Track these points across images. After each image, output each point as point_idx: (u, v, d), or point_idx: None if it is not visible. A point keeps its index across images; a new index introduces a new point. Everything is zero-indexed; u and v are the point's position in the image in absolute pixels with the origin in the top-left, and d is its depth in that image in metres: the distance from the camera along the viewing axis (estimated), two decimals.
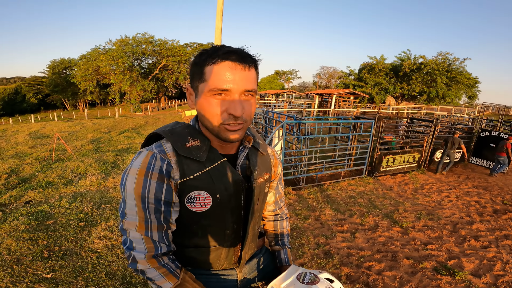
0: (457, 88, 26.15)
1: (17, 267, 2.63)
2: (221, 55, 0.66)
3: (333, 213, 4.16)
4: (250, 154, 0.85)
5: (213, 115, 0.69)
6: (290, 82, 71.26)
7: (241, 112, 0.68)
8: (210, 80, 0.67)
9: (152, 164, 0.70)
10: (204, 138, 0.76)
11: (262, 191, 0.88)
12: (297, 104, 20.49)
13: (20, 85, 47.40)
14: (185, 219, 0.77)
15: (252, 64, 0.70)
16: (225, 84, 0.66)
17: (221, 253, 0.85)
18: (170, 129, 0.77)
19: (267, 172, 0.91)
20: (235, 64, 0.66)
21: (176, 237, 0.80)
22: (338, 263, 2.91)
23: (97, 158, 7.08)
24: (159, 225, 0.73)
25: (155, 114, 23.92)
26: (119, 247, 3.00)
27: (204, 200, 0.75)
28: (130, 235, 0.71)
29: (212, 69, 0.66)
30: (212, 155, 0.76)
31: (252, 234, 0.90)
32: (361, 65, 29.99)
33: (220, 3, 5.52)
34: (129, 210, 0.71)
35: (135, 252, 0.71)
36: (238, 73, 0.66)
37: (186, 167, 0.72)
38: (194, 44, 37.04)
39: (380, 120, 5.71)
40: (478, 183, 6.18)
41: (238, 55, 0.67)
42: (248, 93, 0.69)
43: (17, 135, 11.83)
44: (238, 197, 0.80)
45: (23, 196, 4.52)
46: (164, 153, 0.72)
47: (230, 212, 0.80)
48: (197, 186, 0.74)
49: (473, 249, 3.33)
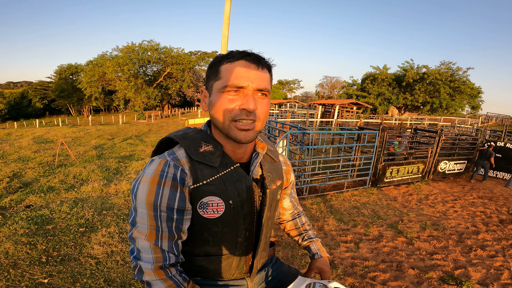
0: (460, 98, 26.13)
1: (14, 271, 2.59)
2: (236, 55, 0.69)
3: (337, 223, 4.09)
4: (263, 160, 0.84)
5: (224, 111, 0.68)
6: (293, 92, 71.76)
7: (254, 106, 0.67)
8: (225, 77, 0.68)
9: (166, 171, 0.69)
10: (217, 143, 0.75)
11: (274, 198, 0.86)
12: (300, 114, 20.56)
13: (26, 89, 48.03)
14: (196, 226, 0.75)
15: (265, 66, 0.71)
16: (240, 81, 0.67)
17: (233, 262, 0.82)
18: (182, 134, 0.77)
19: (279, 179, 0.90)
20: (249, 63, 0.68)
21: (186, 246, 0.78)
22: (342, 273, 2.84)
23: (100, 164, 7.08)
24: (170, 234, 0.71)
25: (159, 122, 24.08)
26: (119, 254, 2.96)
27: (216, 206, 0.73)
28: (139, 244, 0.69)
29: (228, 67, 0.68)
30: (225, 160, 0.75)
31: (264, 242, 0.88)
32: (364, 75, 30.13)
33: (227, 12, 5.62)
34: (139, 218, 0.69)
35: (142, 262, 0.69)
36: (252, 71, 0.68)
37: (199, 172, 0.71)
38: (198, 52, 37.55)
39: (384, 131, 5.69)
40: (483, 193, 6.08)
41: (254, 56, 0.69)
42: (262, 92, 0.70)
43: (21, 140, 11.91)
44: (251, 203, 0.78)
45: (24, 200, 4.50)
46: (177, 160, 0.71)
47: (242, 218, 0.78)
48: (210, 191, 0.72)
49: (480, 259, 3.26)
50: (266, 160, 0.86)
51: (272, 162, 0.89)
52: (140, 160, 7.64)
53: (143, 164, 7.02)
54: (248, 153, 0.81)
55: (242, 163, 0.79)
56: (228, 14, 5.69)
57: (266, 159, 0.86)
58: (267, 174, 0.83)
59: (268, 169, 0.84)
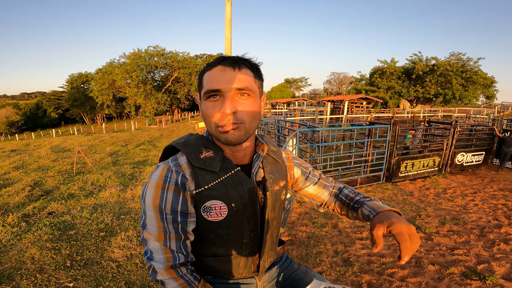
0: (474, 88, 25.38)
1: (40, 276, 2.71)
2: (214, 62, 0.71)
3: (351, 220, 4.05)
4: (264, 162, 0.85)
5: (209, 118, 0.71)
6: (300, 90, 71.31)
7: (230, 109, 0.67)
8: (205, 84, 0.71)
9: (168, 177, 0.72)
10: (217, 148, 0.78)
11: (278, 199, 0.88)
12: (308, 112, 20.42)
13: (41, 100, 49.54)
14: (202, 228, 0.78)
15: (244, 66, 0.71)
16: (215, 84, 0.68)
17: (240, 262, 0.85)
18: (184, 141, 0.79)
19: (283, 179, 0.91)
20: (225, 67, 0.69)
21: (195, 247, 0.82)
22: (358, 270, 2.82)
23: (116, 171, 7.26)
24: (177, 235, 0.74)
25: (169, 127, 24.42)
26: (138, 257, 3.04)
27: (219, 209, 0.76)
28: (150, 245, 0.74)
29: (207, 75, 0.71)
30: (225, 165, 0.77)
31: (270, 242, 0.90)
32: (372, 70, 29.70)
33: (228, 15, 5.65)
34: (149, 221, 0.73)
35: (155, 262, 0.73)
36: (227, 73, 0.68)
37: (201, 177, 0.74)
38: (204, 55, 37.84)
39: (395, 125, 5.59)
40: (504, 185, 5.88)
41: (230, 60, 0.70)
42: (242, 92, 0.69)
43: (40, 149, 12.35)
44: (253, 205, 0.80)
45: (46, 207, 4.68)
46: (179, 166, 0.74)
47: (246, 220, 0.80)
48: (212, 195, 0.75)
49: (503, 253, 3.16)
50: (268, 161, 0.87)
51: (275, 163, 0.90)
52: (154, 165, 7.79)
53: None
54: (248, 155, 0.83)
55: (244, 165, 0.81)
56: (229, 16, 5.72)
57: (269, 160, 0.87)
58: (269, 176, 0.84)
59: (270, 171, 0.86)
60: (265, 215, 0.84)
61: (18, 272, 2.77)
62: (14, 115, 41.67)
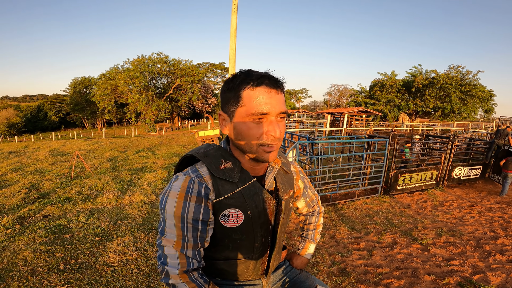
0: (473, 102, 25.59)
1: (32, 278, 2.68)
2: (255, 80, 0.71)
3: (349, 231, 4.04)
4: (277, 173, 0.92)
5: (252, 138, 0.74)
6: (301, 101, 71.90)
7: (279, 133, 0.74)
8: (248, 104, 0.72)
9: (191, 188, 0.76)
10: (235, 160, 0.82)
11: (287, 207, 0.94)
12: (308, 124, 20.50)
13: (42, 102, 49.45)
14: (218, 234, 0.83)
15: (281, 87, 0.76)
16: (264, 107, 0.71)
17: (250, 265, 0.91)
18: (204, 151, 0.83)
19: (291, 189, 0.97)
20: (269, 89, 0.72)
21: (208, 251, 0.86)
22: (355, 280, 2.80)
23: (114, 176, 7.25)
24: (195, 243, 0.79)
25: (169, 134, 24.45)
26: (133, 262, 3.01)
27: (236, 216, 0.81)
28: (166, 251, 0.78)
29: (250, 94, 0.71)
30: (243, 176, 0.82)
31: (278, 246, 0.97)
32: (372, 82, 29.97)
33: (234, 26, 5.77)
34: (168, 229, 0.77)
35: (169, 267, 0.77)
36: (273, 96, 0.72)
37: (221, 187, 0.79)
38: (206, 64, 38.22)
39: (394, 138, 5.63)
40: (501, 198, 5.89)
41: (271, 79, 0.73)
42: (282, 115, 0.75)
43: (38, 152, 12.32)
44: (267, 213, 0.87)
45: (42, 210, 4.65)
46: (201, 177, 0.78)
47: (259, 227, 0.86)
48: (230, 204, 0.80)
49: (499, 263, 3.15)
50: (279, 173, 0.93)
51: (285, 174, 0.96)
52: (153, 172, 7.78)
53: (155, 176, 7.14)
54: (264, 168, 0.88)
55: (258, 176, 0.87)
56: (234, 27, 5.84)
57: (280, 171, 0.93)
58: (281, 186, 0.91)
59: (282, 181, 0.92)
60: (278, 222, 0.91)
61: (9, 273, 2.75)
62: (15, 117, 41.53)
